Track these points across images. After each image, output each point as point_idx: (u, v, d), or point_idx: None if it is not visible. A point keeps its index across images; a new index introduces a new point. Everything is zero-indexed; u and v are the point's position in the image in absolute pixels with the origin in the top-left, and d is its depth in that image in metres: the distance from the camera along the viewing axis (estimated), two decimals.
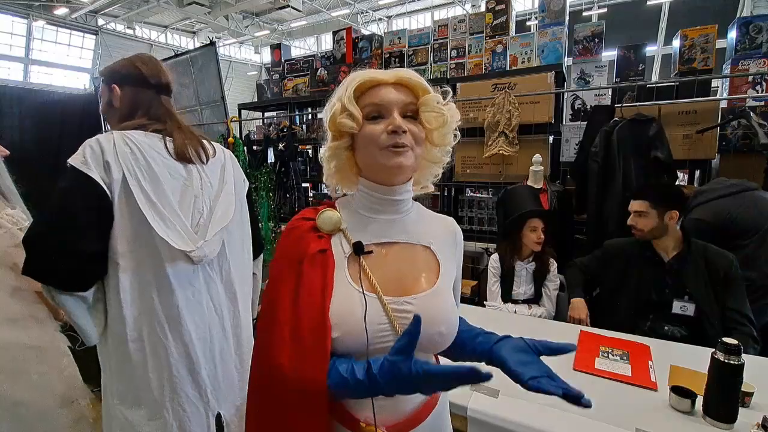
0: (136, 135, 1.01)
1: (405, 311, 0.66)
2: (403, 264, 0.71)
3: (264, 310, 0.71)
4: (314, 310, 0.63)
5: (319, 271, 0.65)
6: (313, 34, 16.81)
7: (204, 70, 4.00)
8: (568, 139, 2.70)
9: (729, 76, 2.48)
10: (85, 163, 0.92)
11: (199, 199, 1.06)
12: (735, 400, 1.01)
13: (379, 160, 0.67)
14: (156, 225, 0.95)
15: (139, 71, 1.09)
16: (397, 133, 0.65)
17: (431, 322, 0.66)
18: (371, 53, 3.67)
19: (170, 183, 1.01)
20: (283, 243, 0.72)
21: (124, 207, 0.95)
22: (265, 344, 0.66)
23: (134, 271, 0.97)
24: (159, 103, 1.10)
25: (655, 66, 10.95)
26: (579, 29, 2.85)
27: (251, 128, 4.92)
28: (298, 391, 0.60)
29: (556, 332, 1.64)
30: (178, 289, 1.00)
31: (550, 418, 1.05)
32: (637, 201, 1.69)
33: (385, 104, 0.67)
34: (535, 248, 1.95)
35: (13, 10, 12.28)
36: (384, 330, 0.65)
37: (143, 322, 0.98)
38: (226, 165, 1.17)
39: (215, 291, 1.09)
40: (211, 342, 1.07)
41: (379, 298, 0.66)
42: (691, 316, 1.58)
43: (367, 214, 0.72)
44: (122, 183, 0.94)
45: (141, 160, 0.97)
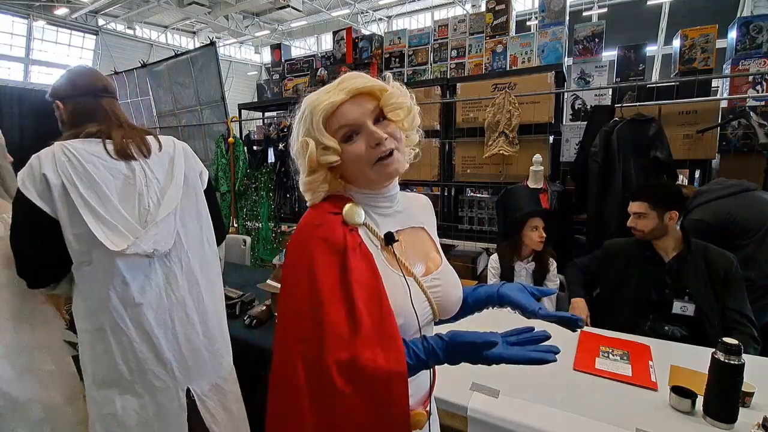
0: (73, 143, 1.07)
1: (435, 287, 0.73)
2: (417, 246, 0.77)
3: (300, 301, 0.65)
4: (373, 297, 0.64)
5: (365, 261, 0.66)
6: (313, 34, 16.82)
7: (204, 70, 4.01)
8: (568, 139, 2.70)
9: (729, 76, 2.48)
10: (23, 184, 1.00)
11: (144, 196, 1.11)
12: (735, 400, 1.01)
13: (372, 175, 0.69)
14: (95, 229, 1.01)
15: (74, 83, 1.15)
16: (381, 144, 0.67)
17: (454, 289, 0.77)
18: (371, 53, 3.67)
19: (112, 184, 1.06)
20: (314, 233, 0.67)
21: (67, 212, 1.02)
22: (314, 338, 0.61)
23: (89, 269, 1.05)
24: (100, 106, 1.16)
25: (655, 66, 10.95)
26: (579, 29, 2.85)
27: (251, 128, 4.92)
28: (379, 380, 0.59)
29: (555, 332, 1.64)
30: (132, 282, 1.07)
31: (550, 418, 1.05)
32: (636, 202, 1.69)
33: (355, 123, 0.68)
34: (537, 247, 1.95)
35: (14, 10, 12.28)
36: (426, 307, 0.72)
37: (102, 314, 1.06)
38: (176, 158, 1.20)
39: (175, 281, 1.15)
40: (173, 328, 1.14)
41: (416, 280, 0.71)
42: (691, 316, 1.58)
43: (370, 210, 0.75)
44: (62, 191, 1.01)
45: (78, 167, 1.03)
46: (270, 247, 3.64)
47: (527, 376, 1.26)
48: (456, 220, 3.10)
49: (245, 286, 2.06)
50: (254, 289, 2.01)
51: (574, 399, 1.14)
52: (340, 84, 0.69)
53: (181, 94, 4.34)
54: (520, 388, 1.18)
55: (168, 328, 1.13)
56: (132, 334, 1.08)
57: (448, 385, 1.13)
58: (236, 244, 3.24)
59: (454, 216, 3.12)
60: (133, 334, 1.08)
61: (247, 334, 1.59)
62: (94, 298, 1.06)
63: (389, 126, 0.70)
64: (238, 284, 2.07)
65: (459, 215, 3.09)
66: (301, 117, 0.71)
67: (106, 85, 1.20)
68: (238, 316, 1.73)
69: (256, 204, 3.66)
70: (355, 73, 0.70)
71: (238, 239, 3.26)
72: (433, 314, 0.73)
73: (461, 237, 2.99)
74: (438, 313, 0.74)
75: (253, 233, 3.65)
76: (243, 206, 3.71)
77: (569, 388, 1.19)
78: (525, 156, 2.57)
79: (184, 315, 1.17)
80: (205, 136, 4.26)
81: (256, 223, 3.67)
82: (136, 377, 1.09)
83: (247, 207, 3.70)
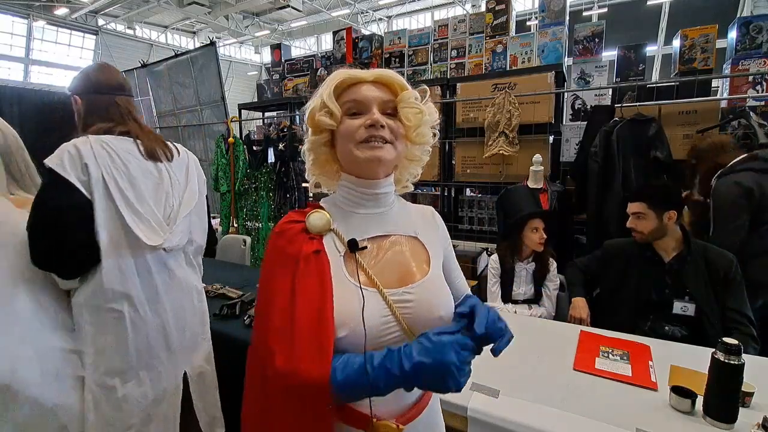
0: (109, 139, 1.13)
1: (406, 301, 0.67)
2: (396, 256, 0.72)
3: (259, 311, 0.70)
4: (313, 308, 0.62)
5: (314, 270, 0.65)
6: (313, 34, 16.82)
7: (204, 70, 4.01)
8: (568, 139, 2.70)
9: (729, 76, 2.48)
10: (61, 166, 1.03)
11: (170, 195, 1.21)
12: (735, 400, 1.01)
13: (356, 153, 0.68)
14: (132, 223, 1.09)
15: (88, 78, 1.20)
16: (375, 127, 0.67)
17: (431, 308, 0.69)
18: (371, 53, 3.67)
19: (145, 182, 1.15)
20: (275, 244, 0.70)
21: (104, 203, 1.07)
22: (260, 345, 0.65)
23: (116, 258, 1.10)
24: (115, 104, 1.20)
25: (655, 66, 10.95)
26: (579, 29, 2.85)
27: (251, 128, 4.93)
28: (299, 389, 0.59)
29: (556, 332, 1.64)
30: (155, 272, 1.17)
31: (550, 418, 1.05)
32: (635, 203, 1.69)
33: (364, 101, 0.69)
34: (538, 248, 1.95)
35: (14, 10, 12.29)
36: (388, 323, 0.65)
37: (124, 302, 1.12)
38: (190, 165, 1.32)
39: (183, 272, 1.27)
40: (183, 316, 1.25)
41: (380, 291, 0.66)
42: (692, 316, 1.58)
43: (354, 210, 0.73)
44: (102, 183, 1.07)
45: (118, 163, 1.10)
46: None
47: (527, 376, 1.26)
48: (456, 220, 3.10)
49: (245, 286, 2.06)
50: (254, 289, 2.01)
51: (574, 399, 1.14)
52: (372, 70, 0.71)
53: (181, 94, 4.34)
54: (520, 388, 1.18)
55: (179, 318, 1.23)
56: (149, 321, 1.16)
57: None
58: (236, 244, 3.24)
59: (454, 216, 3.12)
60: (150, 321, 1.16)
61: (247, 334, 1.59)
62: (114, 288, 1.10)
63: (395, 122, 0.70)
64: (238, 284, 2.07)
65: (459, 215, 3.09)
66: (323, 83, 0.72)
67: (122, 83, 1.24)
68: (238, 316, 1.73)
69: (256, 204, 3.66)
70: (387, 69, 0.72)
71: (238, 239, 3.26)
72: (402, 331, 0.66)
73: (461, 237, 2.99)
74: (410, 331, 0.66)
75: (253, 233, 3.64)
76: (243, 206, 3.71)
77: (569, 388, 1.19)
78: (525, 156, 2.57)
79: (191, 304, 1.28)
80: (205, 136, 4.26)
81: (256, 223, 3.67)
82: (143, 364, 1.15)
83: (247, 207, 3.70)
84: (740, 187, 1.74)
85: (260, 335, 0.66)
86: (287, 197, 3.64)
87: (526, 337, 1.57)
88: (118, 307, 1.11)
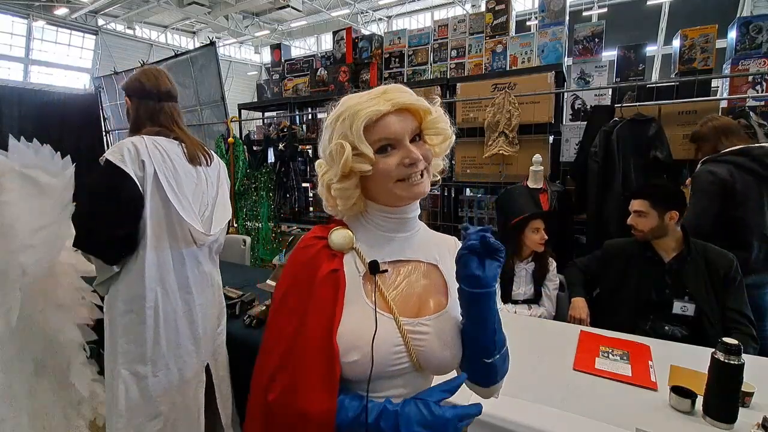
0: (161, 141, 1.26)
1: (420, 332, 0.65)
2: (415, 284, 0.70)
3: (267, 335, 0.68)
4: (323, 335, 0.60)
5: (330, 291, 0.63)
6: (313, 34, 16.82)
7: (204, 70, 4.01)
8: (568, 139, 2.69)
9: (729, 76, 2.47)
10: (122, 161, 1.15)
11: (205, 196, 1.34)
12: (735, 400, 1.01)
13: (396, 192, 0.66)
14: (182, 212, 1.22)
15: (140, 83, 1.30)
16: (415, 164, 0.64)
17: (444, 344, 0.66)
18: (371, 53, 3.66)
19: (187, 182, 1.27)
20: (294, 263, 0.69)
21: (154, 197, 1.20)
22: (265, 369, 0.64)
23: (157, 250, 1.21)
24: (161, 110, 1.31)
25: (655, 66, 10.95)
26: (579, 29, 2.85)
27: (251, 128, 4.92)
28: (301, 422, 0.57)
29: (555, 332, 1.64)
30: (189, 265, 1.29)
31: (550, 418, 1.05)
32: (637, 200, 1.69)
33: (396, 137, 0.65)
34: (538, 248, 1.95)
35: (13, 11, 12.28)
36: (400, 353, 0.63)
37: (159, 292, 1.22)
38: (221, 170, 1.46)
39: (208, 267, 1.38)
40: (207, 308, 1.35)
41: (395, 319, 0.64)
42: (692, 316, 1.58)
43: (380, 231, 0.71)
44: (154, 178, 1.19)
45: (168, 162, 1.23)
46: (270, 247, 3.64)
47: (527, 376, 1.26)
48: (456, 220, 3.10)
49: (245, 286, 2.06)
50: (254, 289, 2.01)
51: (574, 399, 1.14)
52: (385, 94, 0.65)
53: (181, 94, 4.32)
54: (520, 388, 1.18)
55: (205, 308, 1.33)
56: (179, 311, 1.26)
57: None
58: (236, 244, 3.24)
59: (454, 216, 3.11)
60: (180, 312, 1.26)
61: (247, 334, 1.59)
62: (153, 278, 1.21)
63: (423, 147, 0.67)
64: (238, 284, 2.07)
65: (459, 215, 3.09)
66: (337, 118, 0.66)
67: (170, 90, 1.34)
68: (238, 316, 1.73)
69: (256, 204, 3.66)
70: (400, 87, 0.67)
71: (238, 239, 3.26)
72: (411, 363, 0.64)
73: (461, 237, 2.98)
74: (419, 364, 0.64)
75: (253, 233, 3.64)
76: (243, 206, 3.71)
77: (569, 388, 1.19)
78: (525, 156, 2.57)
79: (213, 296, 1.39)
80: (204, 136, 4.26)
81: (256, 223, 3.67)
82: (172, 353, 1.25)
83: (247, 207, 3.70)
84: (713, 176, 1.80)
85: (267, 358, 0.65)
86: (287, 197, 3.65)
87: (526, 337, 1.56)
88: (153, 296, 1.21)
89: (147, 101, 1.29)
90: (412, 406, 0.59)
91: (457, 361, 0.69)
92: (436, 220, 3.14)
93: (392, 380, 0.64)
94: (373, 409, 0.59)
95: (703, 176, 1.84)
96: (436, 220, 3.15)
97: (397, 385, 0.65)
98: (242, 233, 3.63)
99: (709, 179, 1.81)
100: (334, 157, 0.66)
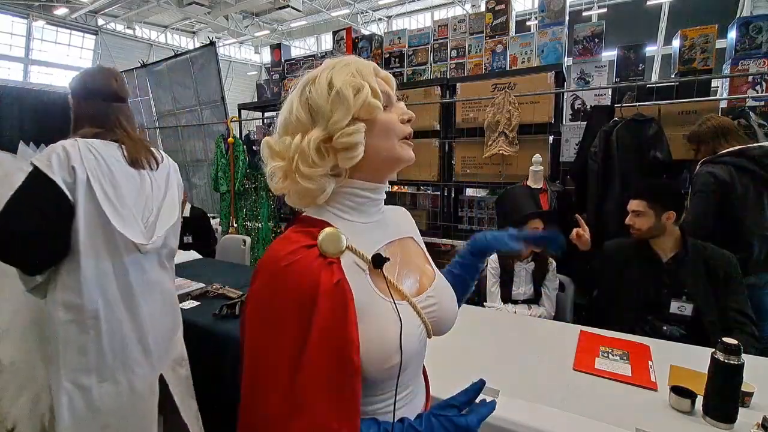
0: (95, 143, 1.17)
1: (430, 306, 0.66)
2: (407, 261, 0.69)
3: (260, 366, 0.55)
4: (343, 356, 0.52)
5: (339, 309, 0.53)
6: (313, 34, 16.81)
7: (204, 70, 4.01)
8: (568, 139, 2.70)
9: (729, 76, 2.47)
10: (49, 166, 1.06)
11: (150, 201, 1.27)
12: (735, 400, 1.01)
13: (399, 151, 0.62)
14: (115, 221, 1.15)
15: (83, 83, 1.24)
16: (410, 123, 0.64)
17: (449, 307, 0.70)
18: (371, 53, 3.66)
19: (127, 186, 1.20)
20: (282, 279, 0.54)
21: (87, 205, 1.12)
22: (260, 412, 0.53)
23: (95, 259, 1.14)
24: (104, 111, 1.24)
25: (655, 66, 10.95)
26: (579, 29, 2.85)
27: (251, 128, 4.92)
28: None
29: (555, 332, 1.64)
30: (132, 274, 1.21)
31: (550, 418, 1.05)
32: (636, 200, 1.69)
33: (390, 94, 0.64)
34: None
35: (13, 10, 12.28)
36: (421, 332, 0.64)
37: (101, 302, 1.16)
38: (170, 173, 1.38)
39: (157, 275, 1.31)
40: (157, 318, 1.29)
41: (410, 302, 0.63)
42: (689, 316, 1.58)
43: (356, 219, 0.64)
44: (86, 185, 1.11)
45: (103, 167, 1.15)
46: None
47: (527, 376, 1.26)
48: (456, 220, 3.10)
49: (245, 286, 2.06)
50: None
51: (574, 399, 1.14)
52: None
53: (181, 94, 4.34)
54: (520, 388, 1.18)
55: (154, 318, 1.27)
56: (125, 322, 1.20)
57: (448, 385, 1.12)
58: (236, 244, 3.24)
59: (453, 216, 3.12)
60: (126, 322, 1.20)
61: None
62: (91, 288, 1.14)
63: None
64: (238, 284, 2.07)
65: (459, 215, 3.09)
66: (336, 66, 0.61)
67: (116, 90, 1.27)
68: (237, 316, 1.73)
69: (255, 204, 3.66)
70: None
71: (238, 239, 3.26)
72: (427, 334, 0.65)
73: (461, 237, 2.99)
74: (432, 331, 0.66)
75: (253, 233, 3.65)
76: (243, 206, 3.71)
77: (569, 388, 1.19)
78: (525, 156, 2.57)
79: (162, 305, 1.32)
80: (204, 136, 4.26)
81: (256, 223, 3.67)
82: (119, 363, 1.19)
83: (247, 207, 3.70)
84: (713, 178, 1.81)
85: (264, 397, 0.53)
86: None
87: (526, 337, 1.57)
88: (94, 306, 1.14)
89: (90, 101, 1.23)
90: (434, 424, 0.59)
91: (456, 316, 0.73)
92: (436, 220, 3.14)
93: (414, 364, 0.66)
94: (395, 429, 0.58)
95: (703, 177, 1.84)
96: (436, 219, 3.15)
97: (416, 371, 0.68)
98: (242, 233, 3.63)
99: (709, 180, 1.82)
100: (344, 97, 0.57)
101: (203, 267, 2.55)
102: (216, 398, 1.49)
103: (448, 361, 0.82)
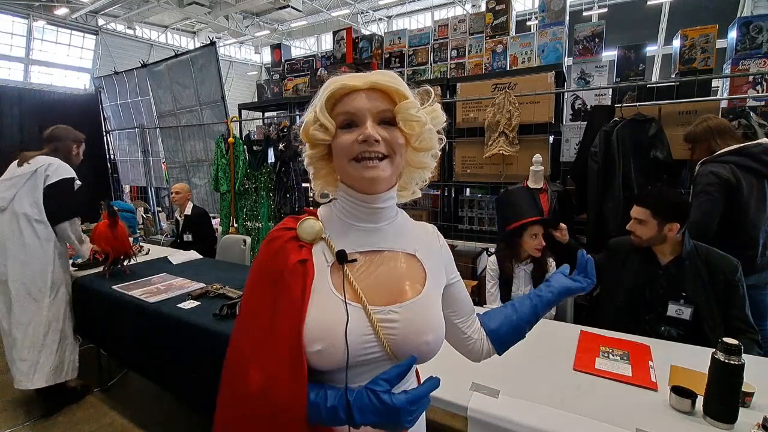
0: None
1: (390, 320, 0.63)
2: (388, 273, 0.68)
3: (238, 327, 0.67)
4: (293, 323, 0.60)
5: (299, 281, 0.62)
6: (313, 34, 16.82)
7: (204, 70, 4.01)
8: (568, 139, 2.69)
9: (729, 76, 2.47)
10: None
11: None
12: (735, 401, 1.01)
13: (350, 171, 0.64)
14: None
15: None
16: (368, 142, 0.62)
17: (417, 331, 0.65)
18: (371, 53, 3.67)
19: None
20: (263, 254, 0.68)
21: None
22: (235, 360, 0.64)
23: None
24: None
25: (655, 66, 10.95)
26: (579, 29, 2.85)
27: (251, 128, 4.92)
28: (271, 415, 0.57)
29: (556, 332, 1.64)
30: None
31: (550, 418, 1.05)
32: (639, 208, 1.65)
33: (357, 113, 0.63)
34: (536, 254, 1.94)
35: (14, 11, 12.28)
36: (369, 341, 0.62)
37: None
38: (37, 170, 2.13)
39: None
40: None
41: (364, 308, 0.62)
42: (688, 320, 1.56)
43: (350, 221, 0.69)
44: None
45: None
46: None
47: (527, 376, 1.26)
48: (456, 220, 3.09)
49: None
50: None
51: (574, 399, 1.14)
52: (368, 75, 0.65)
53: (181, 94, 4.34)
54: (520, 388, 1.18)
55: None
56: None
57: (448, 385, 1.12)
58: (236, 244, 3.24)
59: (454, 216, 3.11)
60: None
61: None
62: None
63: (393, 133, 0.64)
64: (238, 284, 2.07)
65: (459, 215, 3.09)
66: (317, 93, 0.68)
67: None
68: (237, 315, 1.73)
69: (256, 204, 3.65)
70: (386, 71, 0.66)
71: (238, 239, 3.26)
72: (384, 352, 0.63)
73: (461, 237, 2.99)
74: (392, 353, 0.63)
75: (253, 233, 3.64)
76: (243, 206, 3.71)
77: (569, 388, 1.19)
78: (525, 156, 2.57)
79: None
80: (205, 136, 4.26)
81: (256, 223, 3.67)
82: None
83: (247, 207, 3.70)
84: (717, 177, 1.80)
85: (236, 355, 0.64)
86: (287, 197, 3.64)
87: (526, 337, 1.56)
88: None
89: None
90: (363, 396, 0.59)
91: (437, 348, 0.68)
92: (436, 220, 3.14)
93: (365, 370, 0.63)
94: (330, 396, 0.60)
95: (706, 177, 1.83)
96: (436, 220, 3.15)
97: (371, 374, 0.63)
98: (242, 233, 3.63)
99: (712, 180, 1.80)
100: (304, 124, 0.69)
101: (203, 267, 2.55)
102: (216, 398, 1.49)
103: (448, 361, 0.82)
